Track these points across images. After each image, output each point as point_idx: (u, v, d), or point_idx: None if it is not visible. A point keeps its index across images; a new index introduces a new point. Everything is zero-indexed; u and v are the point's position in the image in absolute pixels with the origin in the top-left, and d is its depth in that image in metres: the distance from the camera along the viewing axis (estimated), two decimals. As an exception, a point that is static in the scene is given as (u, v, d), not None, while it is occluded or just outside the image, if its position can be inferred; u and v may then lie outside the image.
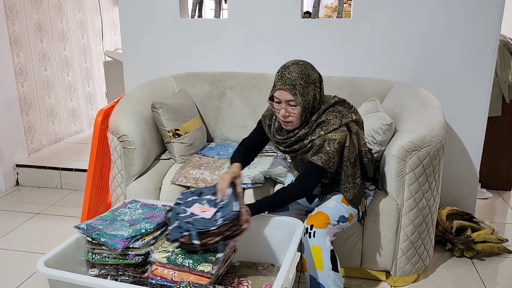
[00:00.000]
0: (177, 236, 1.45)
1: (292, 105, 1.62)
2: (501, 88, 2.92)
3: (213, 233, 1.44)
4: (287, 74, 1.61)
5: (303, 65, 1.64)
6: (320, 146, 1.63)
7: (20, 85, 3.45)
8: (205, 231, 1.43)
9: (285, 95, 1.61)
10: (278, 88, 1.62)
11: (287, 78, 1.60)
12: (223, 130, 2.68)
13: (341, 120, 1.64)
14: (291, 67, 1.63)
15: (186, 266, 1.40)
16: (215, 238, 1.43)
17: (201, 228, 1.44)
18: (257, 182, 2.06)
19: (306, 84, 1.61)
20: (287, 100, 1.62)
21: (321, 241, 1.66)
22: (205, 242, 1.42)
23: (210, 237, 1.43)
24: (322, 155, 1.62)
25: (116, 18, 4.72)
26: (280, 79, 1.62)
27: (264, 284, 1.54)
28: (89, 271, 1.54)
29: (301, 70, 1.62)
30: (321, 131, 1.64)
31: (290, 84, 1.60)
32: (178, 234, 1.45)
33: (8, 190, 3.20)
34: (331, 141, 1.62)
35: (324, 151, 1.62)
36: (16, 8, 3.38)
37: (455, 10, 2.37)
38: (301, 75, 1.61)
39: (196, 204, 1.59)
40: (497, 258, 2.28)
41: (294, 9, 2.58)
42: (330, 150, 1.62)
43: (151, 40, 2.84)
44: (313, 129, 1.67)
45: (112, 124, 2.17)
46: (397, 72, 2.51)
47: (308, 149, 1.68)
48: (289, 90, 1.59)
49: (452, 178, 2.54)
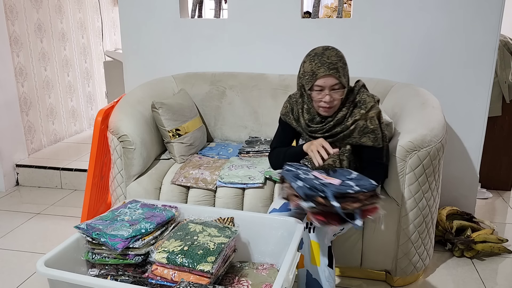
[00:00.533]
0: (313, 195, 1.39)
1: (336, 89, 1.65)
2: (501, 88, 2.92)
3: (351, 197, 1.39)
4: (326, 59, 1.63)
5: (333, 49, 1.68)
6: (364, 127, 1.69)
7: (20, 85, 3.45)
8: (343, 194, 1.39)
9: (330, 80, 1.63)
10: (322, 75, 1.63)
11: (329, 63, 1.62)
12: (223, 130, 2.68)
13: (373, 98, 1.73)
14: (327, 53, 1.65)
15: (186, 266, 1.40)
16: (353, 204, 1.39)
17: (337, 190, 1.39)
18: (257, 182, 2.06)
19: (344, 66, 1.67)
20: (331, 85, 1.64)
21: (320, 237, 1.67)
22: (344, 205, 1.38)
23: (348, 201, 1.38)
24: (369, 135, 1.70)
25: (116, 18, 4.72)
26: (321, 66, 1.63)
27: (264, 284, 1.54)
28: (89, 271, 1.54)
29: (336, 53, 1.66)
30: (361, 110, 1.69)
31: (334, 68, 1.62)
32: (314, 193, 1.39)
33: (8, 190, 3.20)
34: (371, 119, 1.70)
35: (370, 130, 1.70)
36: (16, 8, 3.38)
37: (455, 10, 2.37)
38: (338, 58, 1.65)
39: (315, 171, 1.56)
40: (497, 258, 2.28)
41: (294, 9, 2.58)
42: (374, 127, 1.70)
43: (151, 40, 2.84)
44: (351, 110, 1.70)
45: (112, 124, 2.17)
46: (397, 72, 2.51)
47: (351, 131, 1.70)
48: (334, 74, 1.62)
49: (452, 178, 2.54)
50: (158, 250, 1.47)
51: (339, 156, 1.76)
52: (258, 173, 2.11)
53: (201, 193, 2.12)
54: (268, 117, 2.59)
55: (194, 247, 1.45)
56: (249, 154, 2.37)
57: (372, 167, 1.76)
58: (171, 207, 1.74)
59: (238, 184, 2.08)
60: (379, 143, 1.73)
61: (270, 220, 1.71)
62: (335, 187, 1.45)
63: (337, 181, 1.49)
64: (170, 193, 2.15)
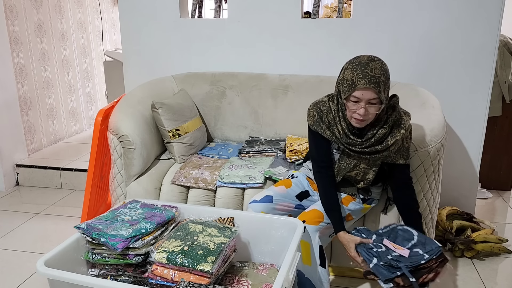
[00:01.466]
0: (390, 276, 1.45)
1: (373, 103, 1.56)
2: (501, 88, 2.92)
3: (425, 268, 1.46)
4: (369, 72, 1.53)
5: (379, 60, 1.58)
6: (401, 146, 1.68)
7: (20, 85, 3.45)
8: (416, 267, 1.45)
9: (369, 94, 1.54)
10: (362, 87, 1.53)
11: (371, 76, 1.52)
12: (223, 130, 2.68)
13: (409, 116, 1.70)
14: (371, 64, 1.55)
15: (186, 266, 1.40)
16: (429, 276, 1.45)
17: (411, 264, 1.46)
18: (257, 182, 2.06)
19: (386, 80, 1.57)
20: (369, 99, 1.55)
21: (310, 237, 1.67)
22: (422, 280, 1.44)
23: (423, 274, 1.45)
24: (403, 153, 1.69)
25: (116, 18, 4.72)
26: (362, 77, 1.53)
27: (264, 284, 1.54)
28: (89, 271, 1.54)
29: (381, 66, 1.56)
30: (401, 130, 1.64)
31: (375, 82, 1.53)
32: (391, 274, 1.46)
33: (8, 190, 3.20)
34: (407, 138, 1.70)
35: (405, 149, 1.70)
36: (16, 8, 3.38)
37: (455, 10, 2.37)
38: (382, 72, 1.55)
39: (386, 240, 1.60)
40: (497, 258, 2.28)
41: (294, 9, 2.58)
42: (409, 145, 1.71)
43: (151, 40, 2.84)
44: (390, 127, 1.64)
45: (112, 124, 2.17)
46: (397, 72, 2.51)
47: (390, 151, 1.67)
48: (374, 88, 1.53)
49: (452, 178, 2.54)
50: (158, 250, 1.47)
51: (365, 169, 1.73)
52: (258, 173, 2.11)
53: (201, 193, 2.12)
54: (268, 117, 2.59)
55: (194, 247, 1.45)
56: (249, 154, 2.37)
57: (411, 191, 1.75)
58: (171, 207, 1.74)
59: (238, 184, 2.08)
60: (409, 159, 1.73)
61: (270, 220, 1.71)
62: (408, 261, 1.50)
63: (406, 252, 1.53)
64: (170, 193, 2.15)
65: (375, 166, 1.72)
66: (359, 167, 1.73)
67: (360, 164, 1.73)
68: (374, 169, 1.73)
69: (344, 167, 1.74)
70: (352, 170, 1.74)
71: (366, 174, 1.74)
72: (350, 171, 1.75)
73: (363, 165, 1.72)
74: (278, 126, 2.56)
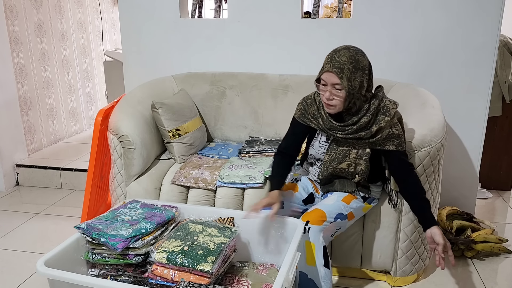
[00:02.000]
0: None
1: (337, 89, 1.65)
2: (501, 88, 2.92)
3: None
4: (336, 57, 1.64)
5: (354, 50, 1.67)
6: (389, 133, 1.71)
7: (20, 85, 3.45)
8: None
9: (332, 78, 1.64)
10: (326, 70, 1.65)
11: (336, 61, 1.63)
12: (223, 130, 2.68)
13: (395, 104, 1.75)
14: (342, 51, 1.65)
15: (186, 266, 1.40)
16: None
17: None
18: (257, 182, 2.06)
19: (354, 70, 1.64)
20: (333, 83, 1.65)
21: (315, 237, 1.67)
22: None
23: None
24: (393, 140, 1.72)
25: (116, 18, 4.72)
26: (329, 61, 1.65)
27: (264, 284, 1.54)
28: (89, 271, 1.54)
29: (351, 55, 1.64)
30: (385, 117, 1.70)
31: (338, 67, 1.62)
32: None
33: (8, 190, 3.20)
34: (396, 125, 1.74)
35: (395, 136, 1.72)
36: (16, 8, 3.38)
37: (455, 10, 2.37)
38: (350, 60, 1.64)
39: None
40: (497, 258, 2.28)
41: (294, 9, 2.58)
42: (399, 132, 1.73)
43: (151, 40, 2.84)
44: (374, 116, 1.71)
45: (112, 124, 2.17)
46: (397, 72, 2.51)
47: (377, 138, 1.72)
48: (336, 73, 1.62)
49: (452, 178, 2.54)
50: (158, 250, 1.47)
51: (356, 159, 1.76)
52: (258, 173, 2.11)
53: (201, 193, 2.12)
54: (268, 117, 2.59)
55: (194, 247, 1.45)
56: (249, 154, 2.37)
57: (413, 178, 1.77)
58: (171, 207, 1.74)
59: (238, 184, 2.08)
60: (403, 147, 1.75)
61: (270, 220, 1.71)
62: None
63: None
64: (170, 193, 2.15)
65: (365, 155, 1.76)
66: (349, 157, 1.77)
67: (349, 154, 1.77)
68: (364, 158, 1.76)
69: (334, 157, 1.78)
70: (343, 161, 1.77)
71: (358, 165, 1.77)
72: (341, 162, 1.78)
73: (353, 155, 1.76)
74: (278, 126, 2.56)
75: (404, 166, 1.77)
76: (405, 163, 1.77)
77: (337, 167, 1.79)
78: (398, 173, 1.78)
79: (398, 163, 1.77)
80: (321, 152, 1.85)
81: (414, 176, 1.77)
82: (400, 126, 1.77)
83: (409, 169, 1.77)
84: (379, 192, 1.92)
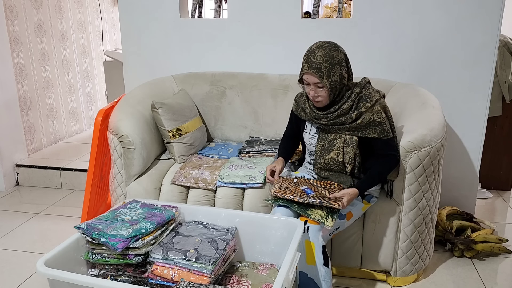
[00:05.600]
0: None
1: (319, 87, 1.73)
2: (501, 88, 2.92)
3: None
4: (312, 58, 1.71)
5: (327, 47, 1.73)
6: (370, 120, 1.76)
7: (20, 85, 3.45)
8: None
9: (312, 78, 1.72)
10: (305, 72, 1.74)
11: (312, 62, 1.71)
12: (223, 130, 2.68)
13: (379, 93, 1.82)
14: (316, 51, 1.72)
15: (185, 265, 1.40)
16: None
17: None
18: (257, 182, 2.06)
19: (331, 66, 1.71)
20: (314, 83, 1.73)
21: (314, 236, 1.67)
22: None
23: None
24: (375, 127, 1.77)
25: (116, 18, 4.72)
26: (306, 63, 1.73)
27: (264, 284, 1.54)
28: (89, 271, 1.54)
29: (326, 53, 1.71)
30: (366, 104, 1.76)
31: (316, 68, 1.70)
32: None
33: (8, 190, 3.20)
34: (378, 112, 1.77)
35: (377, 123, 1.76)
36: (16, 8, 3.38)
37: (455, 10, 2.37)
38: (325, 58, 1.70)
39: None
40: (497, 258, 2.28)
41: (294, 9, 2.58)
42: (381, 120, 1.77)
43: (151, 40, 2.84)
44: (356, 102, 1.77)
45: (112, 124, 2.17)
46: (397, 72, 2.51)
47: (357, 124, 1.76)
48: (315, 73, 1.70)
49: (452, 178, 2.54)
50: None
51: (343, 148, 1.81)
52: (258, 173, 2.11)
53: (201, 193, 2.12)
54: (268, 117, 2.59)
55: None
56: (249, 154, 2.37)
57: (384, 158, 1.81)
58: (171, 207, 1.74)
59: (238, 184, 2.08)
60: (386, 135, 1.78)
61: (270, 220, 1.71)
62: None
63: None
64: (170, 193, 2.15)
65: (352, 142, 1.79)
66: (336, 145, 1.81)
67: (337, 143, 1.81)
68: (352, 145, 1.80)
69: (323, 147, 1.84)
70: (332, 150, 1.82)
71: (346, 153, 1.81)
72: (330, 151, 1.82)
73: (340, 143, 1.81)
74: (278, 126, 2.56)
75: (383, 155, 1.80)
76: (385, 153, 1.80)
77: (326, 156, 1.83)
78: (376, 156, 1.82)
79: (379, 151, 1.81)
80: (312, 144, 1.92)
81: (387, 161, 1.81)
82: (385, 114, 1.80)
83: (386, 154, 1.81)
84: (378, 191, 1.92)
